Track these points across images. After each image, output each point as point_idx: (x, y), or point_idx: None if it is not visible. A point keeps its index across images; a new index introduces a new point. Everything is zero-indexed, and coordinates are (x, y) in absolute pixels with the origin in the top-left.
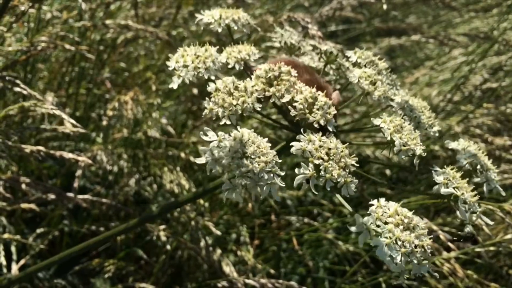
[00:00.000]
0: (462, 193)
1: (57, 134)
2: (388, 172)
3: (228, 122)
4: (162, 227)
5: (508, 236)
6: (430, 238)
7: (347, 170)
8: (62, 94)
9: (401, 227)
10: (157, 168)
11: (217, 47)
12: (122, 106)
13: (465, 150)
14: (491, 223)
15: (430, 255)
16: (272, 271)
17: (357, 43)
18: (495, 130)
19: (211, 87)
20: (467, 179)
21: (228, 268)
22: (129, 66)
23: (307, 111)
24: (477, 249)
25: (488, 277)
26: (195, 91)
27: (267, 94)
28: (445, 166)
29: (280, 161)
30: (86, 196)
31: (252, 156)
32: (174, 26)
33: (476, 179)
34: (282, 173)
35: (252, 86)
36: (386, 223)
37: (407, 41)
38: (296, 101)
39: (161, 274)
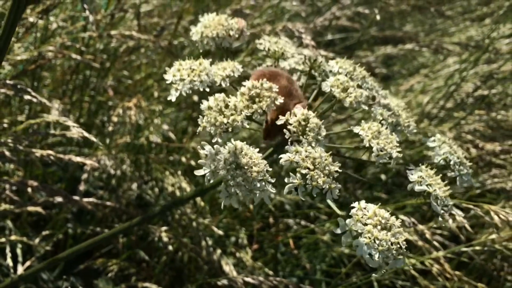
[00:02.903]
0: (434, 190)
1: (61, 140)
2: (383, 177)
3: (220, 140)
4: (164, 228)
5: (493, 236)
6: (405, 238)
7: (331, 177)
8: (66, 101)
9: (379, 227)
10: (158, 172)
11: (210, 59)
12: (126, 113)
13: (440, 147)
14: (462, 214)
15: (405, 250)
16: (270, 273)
17: (354, 52)
18: (486, 136)
19: (203, 105)
20: (441, 174)
21: (228, 268)
22: (131, 74)
23: (300, 133)
24: (464, 249)
25: (482, 280)
26: (195, 98)
27: (250, 110)
28: (420, 165)
29: (270, 169)
30: (91, 199)
31: (246, 167)
32: (175, 36)
33: (450, 174)
34: (273, 180)
35: (238, 103)
36: (365, 224)
37: (403, 50)
38: (290, 124)
39: (163, 275)
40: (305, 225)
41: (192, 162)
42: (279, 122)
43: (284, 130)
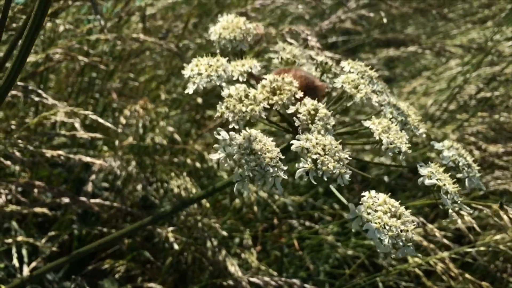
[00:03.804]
0: (444, 184)
1: (66, 142)
2: (386, 178)
3: (236, 127)
4: (170, 229)
5: (498, 237)
6: (415, 226)
7: (341, 163)
8: (71, 103)
9: (388, 214)
10: (164, 174)
11: (227, 58)
12: (133, 115)
13: (449, 150)
14: (471, 211)
15: (413, 238)
16: (275, 274)
17: (356, 54)
18: (489, 138)
19: (225, 92)
20: (450, 173)
21: (233, 268)
22: (136, 76)
23: (309, 121)
24: (468, 250)
25: (485, 281)
26: (199, 100)
27: (270, 102)
28: (429, 163)
29: (283, 157)
30: (97, 200)
31: (259, 153)
32: (182, 38)
33: (459, 175)
34: (285, 168)
35: (258, 94)
36: (375, 211)
37: (405, 52)
38: (300, 112)
39: (168, 276)
40: (309, 226)
41: (197, 164)
42: (289, 111)
43: (294, 118)
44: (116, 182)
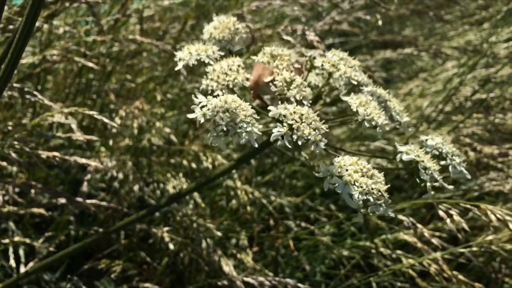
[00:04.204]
0: (422, 160)
1: (63, 143)
2: None
3: (221, 93)
4: (166, 229)
5: (491, 237)
6: (387, 186)
7: (317, 131)
8: (68, 104)
9: (359, 173)
10: (160, 175)
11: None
12: (129, 116)
13: (433, 139)
14: (451, 187)
15: (387, 199)
16: (270, 275)
17: (354, 55)
18: (484, 139)
19: (209, 68)
20: (434, 160)
21: (228, 268)
22: (133, 77)
23: (285, 88)
24: (461, 250)
25: (480, 282)
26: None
27: (271, 65)
28: (409, 143)
29: (258, 117)
30: (93, 201)
31: (234, 110)
32: (178, 40)
33: (443, 162)
34: (260, 126)
35: (258, 60)
36: (347, 170)
37: (402, 54)
38: (277, 80)
39: (164, 277)
40: (305, 227)
41: (194, 165)
42: (266, 80)
43: (270, 84)
44: (113, 183)
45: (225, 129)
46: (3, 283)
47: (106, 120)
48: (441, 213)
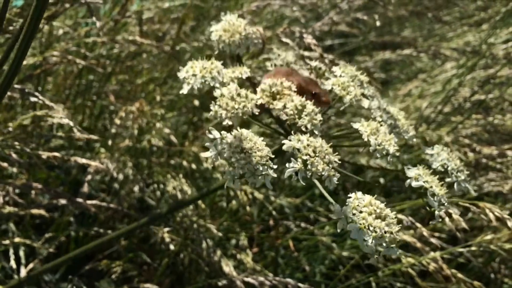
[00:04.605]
0: (431, 186)
1: (63, 144)
2: (382, 180)
3: (230, 123)
4: (167, 229)
5: (489, 237)
6: (399, 227)
7: (330, 165)
8: (68, 105)
9: (373, 215)
10: (160, 176)
11: (222, 62)
12: (128, 116)
13: (438, 154)
14: (458, 212)
15: (397, 240)
16: (270, 275)
17: (353, 57)
18: (483, 140)
19: (217, 93)
20: (439, 177)
21: (228, 268)
22: (133, 79)
23: (296, 116)
24: (460, 250)
25: (480, 282)
26: (196, 102)
27: (271, 106)
28: (417, 165)
29: (273, 156)
30: (94, 202)
31: (249, 151)
32: (178, 41)
33: (448, 179)
34: (275, 166)
35: (258, 99)
36: (361, 212)
37: (401, 55)
38: (287, 108)
39: (164, 278)
40: (305, 228)
41: (193, 166)
42: (277, 106)
43: (282, 112)
44: (113, 184)
45: (241, 172)
46: (6, 286)
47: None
48: (439, 215)
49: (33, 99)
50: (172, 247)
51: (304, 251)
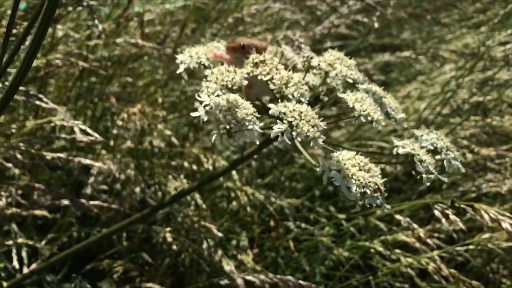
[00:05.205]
0: (418, 154)
1: (65, 145)
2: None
3: (221, 94)
4: (168, 229)
5: (485, 236)
6: (385, 181)
7: (315, 128)
8: (70, 107)
9: (357, 167)
10: (162, 177)
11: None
12: (130, 118)
13: (428, 134)
14: (446, 180)
15: (384, 192)
16: (271, 275)
17: (352, 59)
18: (482, 141)
19: (207, 71)
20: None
21: (229, 267)
22: (134, 80)
23: (283, 86)
24: (458, 248)
25: (480, 282)
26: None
27: (254, 73)
28: (404, 138)
29: (259, 116)
30: (96, 202)
31: (236, 109)
32: (179, 43)
33: (438, 157)
34: (261, 124)
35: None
36: (345, 164)
37: (400, 57)
38: (275, 79)
39: (165, 278)
40: (305, 228)
41: (194, 167)
42: (265, 78)
43: (269, 82)
44: (115, 185)
45: (228, 127)
46: (8, 283)
47: (89, 131)
48: (436, 212)
49: (37, 102)
50: (175, 247)
51: (304, 252)
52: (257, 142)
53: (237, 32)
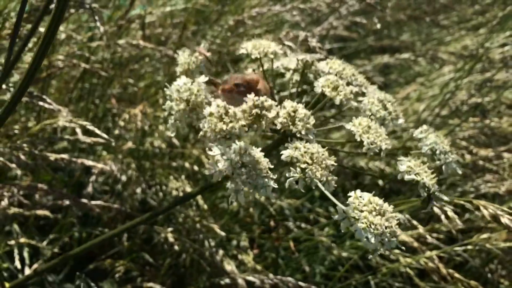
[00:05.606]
0: (422, 178)
1: (67, 146)
2: (381, 182)
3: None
4: (170, 229)
5: (484, 236)
6: (398, 221)
7: (327, 170)
8: (72, 108)
9: (373, 213)
10: (163, 177)
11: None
12: (132, 119)
13: (427, 138)
14: (447, 198)
15: (397, 233)
16: (271, 275)
17: (352, 61)
18: (480, 142)
19: (206, 111)
20: (428, 163)
21: (229, 267)
22: (135, 82)
23: (290, 123)
24: (456, 248)
25: (478, 282)
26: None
27: (254, 127)
28: (408, 154)
29: (272, 167)
30: (98, 202)
31: (249, 165)
32: (180, 45)
33: (436, 162)
34: (275, 176)
35: (239, 119)
36: (361, 211)
37: (399, 59)
38: (280, 116)
39: (166, 278)
40: (305, 228)
41: (195, 167)
42: (270, 115)
43: (275, 121)
44: (116, 186)
45: (245, 188)
46: (11, 284)
47: (97, 131)
48: (435, 209)
49: (41, 102)
50: (175, 247)
51: (304, 252)
52: (273, 197)
53: (237, 33)
